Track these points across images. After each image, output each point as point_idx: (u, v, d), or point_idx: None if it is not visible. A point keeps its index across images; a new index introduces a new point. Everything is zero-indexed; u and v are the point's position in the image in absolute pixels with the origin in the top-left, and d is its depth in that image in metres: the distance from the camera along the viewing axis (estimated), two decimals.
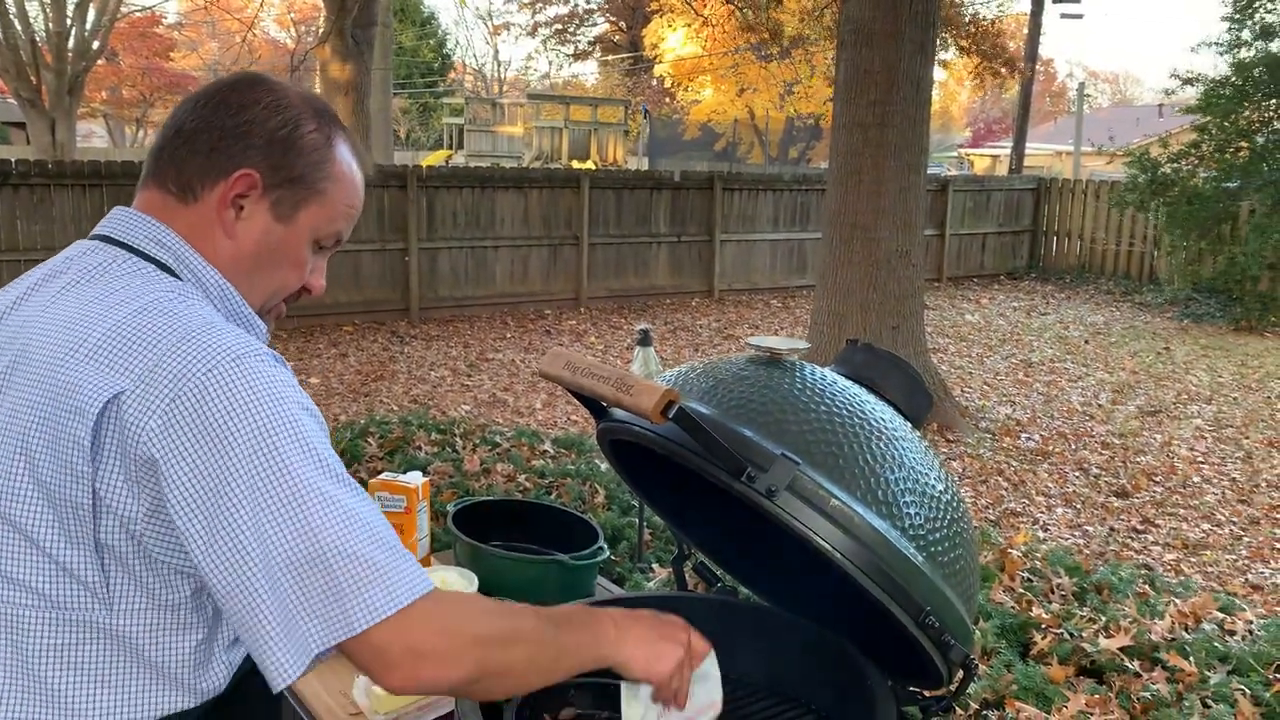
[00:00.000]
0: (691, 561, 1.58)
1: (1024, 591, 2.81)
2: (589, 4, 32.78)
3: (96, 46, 13.53)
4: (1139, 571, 3.31)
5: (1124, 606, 2.64)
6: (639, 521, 2.84)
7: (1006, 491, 5.27)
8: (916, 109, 6.00)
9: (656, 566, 2.78)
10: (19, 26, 12.35)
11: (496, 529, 1.96)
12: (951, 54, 16.69)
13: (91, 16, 13.23)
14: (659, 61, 27.54)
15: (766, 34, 14.21)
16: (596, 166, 17.57)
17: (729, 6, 15.09)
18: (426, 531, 1.99)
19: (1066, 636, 2.50)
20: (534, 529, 2.02)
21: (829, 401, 1.16)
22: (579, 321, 10.10)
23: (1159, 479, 5.54)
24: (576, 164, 17.54)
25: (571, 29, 33.75)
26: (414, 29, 30.76)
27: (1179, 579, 3.84)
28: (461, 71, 37.90)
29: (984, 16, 16.47)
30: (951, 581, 1.11)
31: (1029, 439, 6.23)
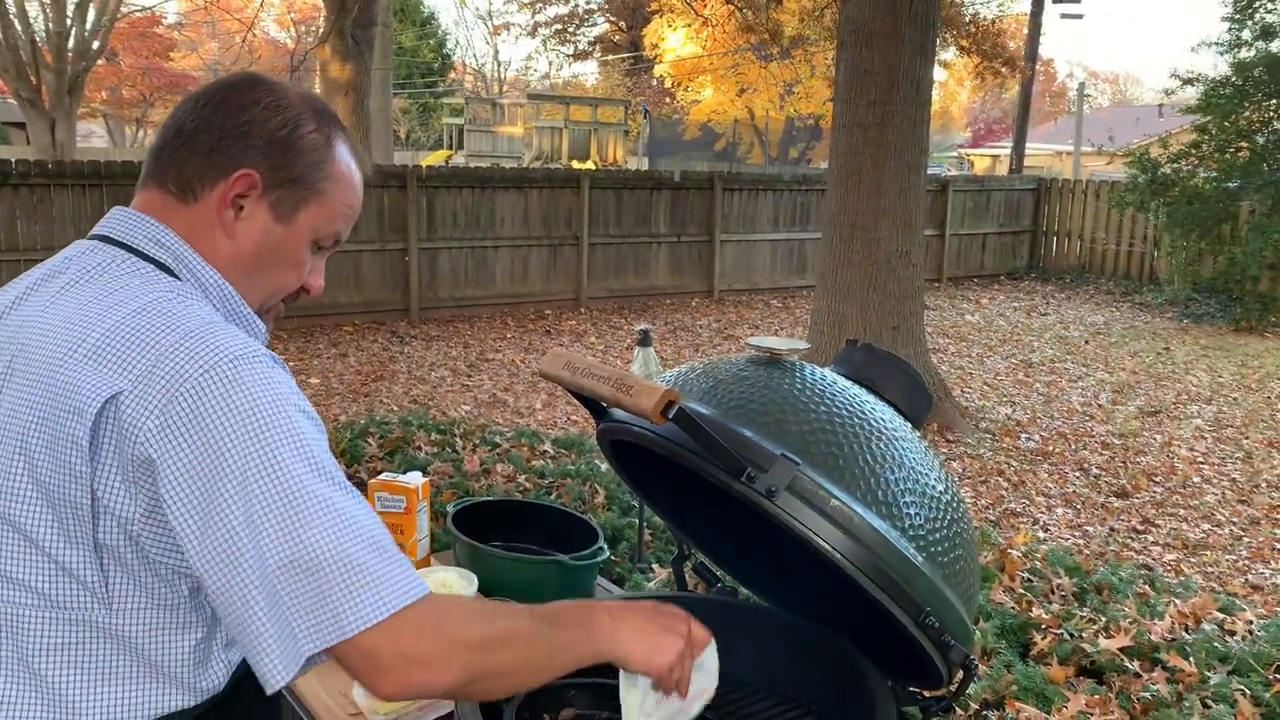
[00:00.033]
0: (691, 561, 1.58)
1: (1024, 592, 2.81)
2: (589, 4, 32.79)
3: (96, 46, 13.52)
4: (1139, 572, 3.31)
5: (1124, 607, 2.64)
6: (639, 522, 2.84)
7: (1006, 492, 5.26)
8: (916, 109, 6.00)
9: (656, 567, 2.79)
10: (19, 26, 12.33)
11: (496, 529, 1.96)
12: (952, 54, 16.69)
13: (91, 16, 13.22)
14: (659, 61, 27.54)
15: (766, 34, 14.21)
16: (596, 166, 17.56)
17: (729, 7, 15.10)
18: (426, 532, 1.99)
19: (1066, 637, 2.50)
20: (534, 529, 2.01)
21: (829, 402, 1.16)
22: (579, 322, 10.10)
23: (1159, 479, 5.54)
24: (576, 164, 17.53)
25: (571, 29, 33.75)
26: (414, 29, 30.75)
27: (1179, 579, 3.84)
28: (461, 72, 37.89)
29: (984, 16, 16.47)
30: (951, 582, 1.11)
31: (1029, 439, 6.23)
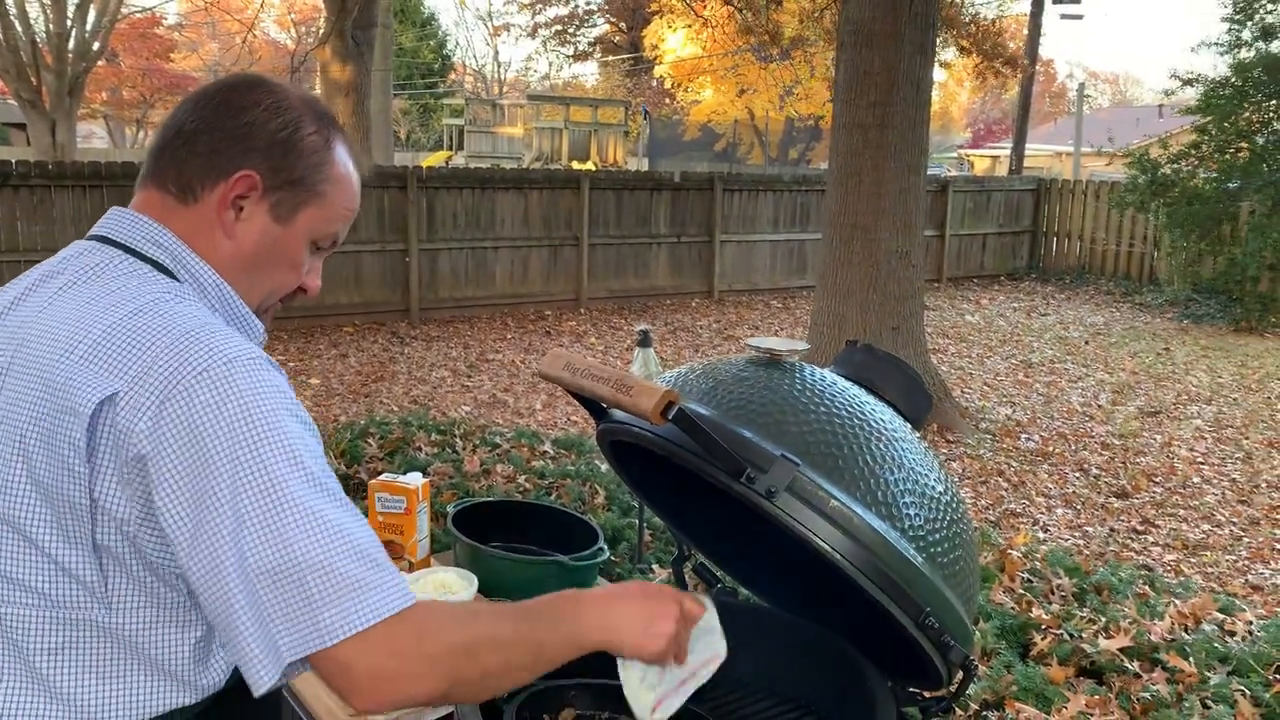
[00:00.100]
0: (691, 562, 1.59)
1: (1024, 592, 2.81)
2: (589, 5, 32.81)
3: (97, 47, 13.52)
4: (1139, 572, 3.32)
5: (1124, 607, 2.64)
6: (639, 522, 2.84)
7: (1006, 492, 5.26)
8: (916, 110, 6.00)
9: (656, 567, 2.79)
10: (19, 27, 12.33)
11: (496, 530, 1.96)
12: (952, 54, 16.68)
13: (92, 17, 13.23)
14: (659, 62, 27.55)
15: (766, 35, 14.22)
16: (596, 167, 17.55)
17: (729, 8, 15.10)
18: (426, 532, 1.99)
19: (1066, 637, 2.50)
20: (534, 530, 2.01)
21: (829, 402, 1.16)
22: (579, 322, 10.10)
23: (1159, 480, 5.54)
24: (576, 165, 17.53)
25: (571, 30, 33.78)
26: (414, 30, 30.74)
27: (1179, 580, 3.84)
28: (461, 72, 37.88)
29: (984, 17, 16.47)
30: (951, 582, 1.11)
31: (1029, 440, 6.23)
